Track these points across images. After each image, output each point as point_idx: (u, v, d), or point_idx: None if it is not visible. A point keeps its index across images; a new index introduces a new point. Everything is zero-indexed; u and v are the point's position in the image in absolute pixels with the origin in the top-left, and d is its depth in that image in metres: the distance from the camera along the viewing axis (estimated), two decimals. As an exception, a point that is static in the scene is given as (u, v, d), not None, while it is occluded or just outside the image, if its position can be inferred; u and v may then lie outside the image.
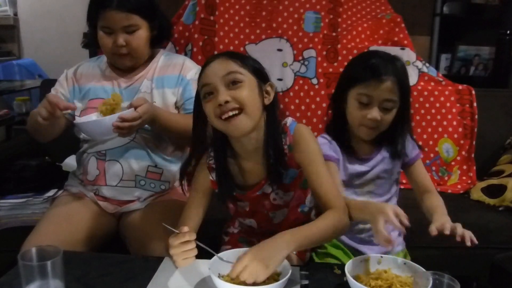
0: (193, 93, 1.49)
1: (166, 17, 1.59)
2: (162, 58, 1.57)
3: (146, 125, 1.45)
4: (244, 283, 0.98)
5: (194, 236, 1.04)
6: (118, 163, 1.46)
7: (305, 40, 2.18)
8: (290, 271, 0.98)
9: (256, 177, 1.22)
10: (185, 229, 1.06)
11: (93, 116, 1.40)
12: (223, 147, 1.19)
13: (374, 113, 1.21)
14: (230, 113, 1.08)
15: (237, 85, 1.09)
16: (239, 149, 1.19)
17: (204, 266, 1.06)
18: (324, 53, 2.19)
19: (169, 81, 1.51)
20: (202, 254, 1.10)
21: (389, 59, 1.24)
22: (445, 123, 2.13)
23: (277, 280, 0.98)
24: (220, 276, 1.00)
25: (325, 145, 1.29)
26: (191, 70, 1.54)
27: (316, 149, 1.18)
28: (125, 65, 1.49)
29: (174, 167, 1.54)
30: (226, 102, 1.07)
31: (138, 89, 1.50)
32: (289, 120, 1.21)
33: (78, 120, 1.42)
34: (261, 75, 1.15)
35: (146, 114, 1.33)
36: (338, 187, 1.20)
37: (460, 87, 2.18)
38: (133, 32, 1.43)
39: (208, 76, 1.11)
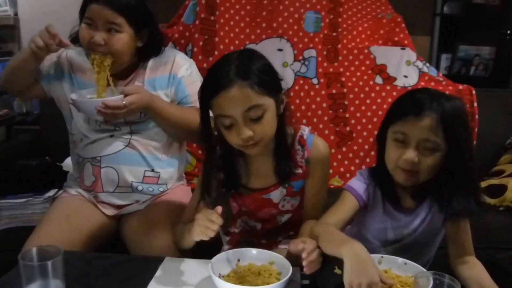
0: (187, 90, 1.49)
1: (160, 32, 1.51)
2: (152, 58, 1.51)
3: (142, 127, 1.46)
4: (245, 283, 0.98)
5: (221, 221, 1.02)
6: (114, 170, 1.44)
7: (306, 40, 2.18)
8: (291, 271, 0.98)
9: (265, 182, 1.24)
10: (219, 210, 1.03)
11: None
12: (230, 147, 1.18)
13: (410, 154, 1.06)
14: (251, 143, 1.11)
15: (259, 120, 1.09)
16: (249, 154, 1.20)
17: (204, 266, 1.06)
18: (325, 53, 2.18)
19: (161, 82, 1.48)
20: (202, 254, 1.10)
21: (437, 96, 1.07)
22: (445, 123, 2.13)
23: (278, 279, 0.99)
24: (220, 276, 1.00)
25: (359, 181, 1.20)
26: (182, 66, 1.50)
27: (329, 166, 1.28)
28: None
29: (171, 169, 1.53)
30: (249, 138, 1.09)
31: None
32: (305, 132, 1.24)
33: (72, 96, 1.40)
34: (277, 89, 1.13)
35: (134, 105, 1.32)
36: (336, 215, 1.16)
37: (460, 87, 2.18)
38: (115, 33, 1.36)
39: (227, 109, 1.07)
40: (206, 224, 1.02)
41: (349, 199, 1.19)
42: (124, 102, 1.30)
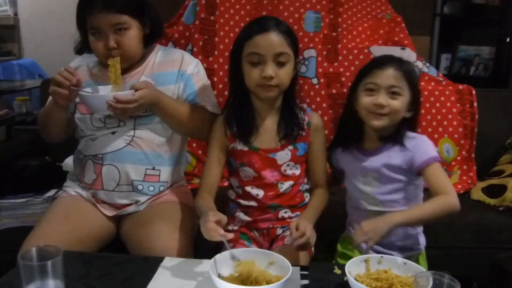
0: (195, 87, 1.51)
1: (157, 14, 1.52)
2: (159, 53, 1.53)
3: (147, 121, 1.45)
4: (245, 283, 0.98)
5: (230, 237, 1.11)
6: (115, 167, 1.44)
7: (306, 40, 2.18)
8: (290, 271, 0.98)
9: (271, 143, 1.37)
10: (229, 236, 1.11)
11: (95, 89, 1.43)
12: (244, 100, 1.37)
13: (380, 98, 1.28)
14: (270, 83, 1.28)
15: (283, 66, 1.28)
16: (259, 105, 1.38)
17: (204, 266, 1.06)
18: (325, 53, 2.18)
19: (169, 77, 1.49)
20: (202, 254, 1.10)
21: (395, 57, 1.35)
22: (445, 123, 2.12)
23: (279, 280, 0.98)
24: (220, 276, 1.00)
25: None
26: (191, 64, 1.52)
27: (325, 135, 1.47)
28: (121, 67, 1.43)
29: (173, 166, 1.52)
30: (271, 77, 1.26)
31: None
32: (304, 104, 1.45)
33: (81, 92, 1.37)
34: (297, 53, 1.34)
35: (144, 99, 1.33)
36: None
37: (460, 87, 2.17)
38: (124, 32, 1.38)
39: (260, 47, 1.26)
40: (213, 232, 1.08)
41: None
42: (135, 97, 1.31)
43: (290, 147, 1.37)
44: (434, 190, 1.27)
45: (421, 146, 1.31)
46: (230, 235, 1.12)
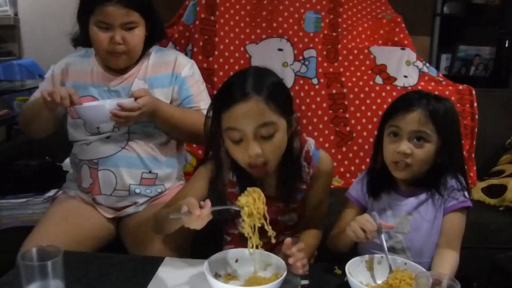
0: (191, 91, 1.49)
1: (160, 19, 1.52)
2: (153, 55, 1.51)
3: (140, 126, 1.44)
4: (242, 283, 0.98)
5: (208, 212, 0.96)
6: (111, 172, 1.42)
7: (306, 40, 2.18)
8: (285, 272, 0.98)
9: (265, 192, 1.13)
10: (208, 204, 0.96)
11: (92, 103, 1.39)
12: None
13: (403, 145, 1.12)
14: (260, 161, 1.06)
15: (269, 139, 1.05)
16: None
17: (204, 266, 1.06)
18: (325, 53, 2.19)
19: (162, 80, 1.48)
20: (201, 254, 1.10)
21: (425, 95, 1.16)
22: (445, 123, 2.13)
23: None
24: (217, 276, 1.01)
25: (356, 185, 1.28)
26: (185, 66, 1.50)
27: (331, 180, 1.29)
28: (119, 65, 1.43)
29: (169, 169, 1.52)
30: (257, 156, 1.04)
31: (129, 89, 1.45)
32: (311, 148, 1.20)
33: (77, 107, 1.32)
34: (290, 111, 1.10)
35: (146, 107, 1.32)
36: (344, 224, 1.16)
37: (460, 87, 2.18)
38: (131, 30, 1.37)
39: (239, 122, 1.02)
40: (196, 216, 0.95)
41: (349, 207, 1.28)
42: (138, 104, 1.30)
43: (286, 205, 1.22)
44: (445, 239, 1.16)
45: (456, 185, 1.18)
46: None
